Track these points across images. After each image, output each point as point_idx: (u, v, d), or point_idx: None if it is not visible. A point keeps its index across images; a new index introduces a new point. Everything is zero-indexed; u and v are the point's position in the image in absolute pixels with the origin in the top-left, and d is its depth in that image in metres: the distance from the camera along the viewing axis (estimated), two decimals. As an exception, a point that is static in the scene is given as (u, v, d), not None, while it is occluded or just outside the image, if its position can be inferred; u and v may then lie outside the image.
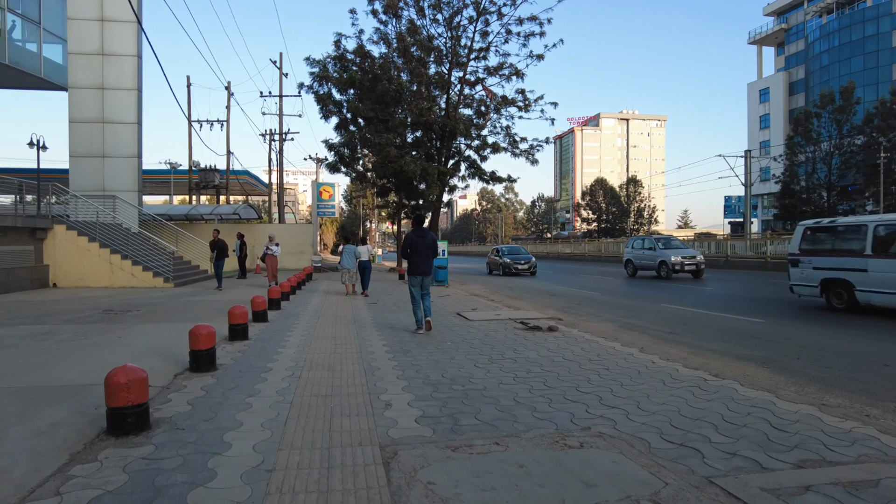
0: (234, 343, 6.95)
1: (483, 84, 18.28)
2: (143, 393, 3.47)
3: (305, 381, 5.04)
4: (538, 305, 12.82)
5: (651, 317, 10.76)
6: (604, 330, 8.92)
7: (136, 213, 20.17)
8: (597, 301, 13.75)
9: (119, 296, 13.46)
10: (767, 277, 20.68)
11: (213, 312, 10.10)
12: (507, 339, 7.39)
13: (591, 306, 12.68)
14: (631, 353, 6.52)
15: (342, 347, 6.76)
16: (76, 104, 19.88)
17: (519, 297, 14.90)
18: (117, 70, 20.05)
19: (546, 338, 7.56)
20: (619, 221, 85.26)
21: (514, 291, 16.97)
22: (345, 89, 18.67)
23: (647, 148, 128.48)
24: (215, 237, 15.96)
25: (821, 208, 48.10)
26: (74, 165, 19.94)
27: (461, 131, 17.45)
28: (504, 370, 5.56)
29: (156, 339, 7.24)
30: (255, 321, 8.87)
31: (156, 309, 10.63)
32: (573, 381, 5.12)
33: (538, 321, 9.24)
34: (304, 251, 27.83)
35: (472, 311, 10.86)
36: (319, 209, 37.02)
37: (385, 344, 7.01)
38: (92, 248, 15.86)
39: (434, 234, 10.94)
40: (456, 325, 8.84)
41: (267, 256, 16.35)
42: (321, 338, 7.45)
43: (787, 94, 64.70)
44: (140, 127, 20.52)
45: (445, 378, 5.19)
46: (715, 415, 4.13)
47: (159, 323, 8.73)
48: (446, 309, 11.18)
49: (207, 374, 5.21)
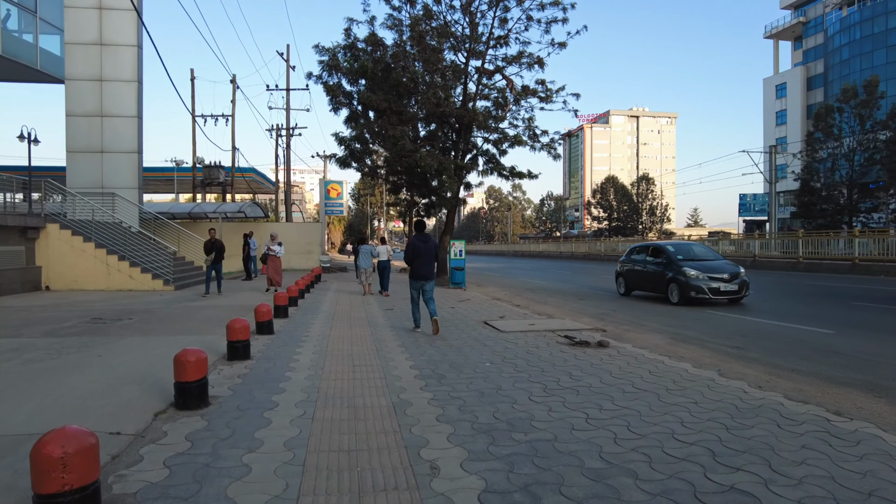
0: (233, 364, 5.85)
1: (503, 73, 17.10)
2: (88, 468, 2.36)
3: (321, 425, 3.92)
4: (569, 312, 11.68)
5: (700, 326, 9.60)
6: (657, 343, 7.80)
7: (137, 211, 19.19)
8: (632, 306, 12.58)
9: (114, 300, 12.42)
10: (803, 279, 19.41)
11: (212, 321, 9.02)
12: (556, 359, 6.25)
13: (627, 312, 11.52)
14: (711, 379, 5.38)
15: (362, 370, 5.65)
16: (74, 97, 18.90)
17: (544, 302, 13.75)
18: (116, 61, 19.05)
19: (600, 356, 6.41)
20: (630, 220, 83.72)
21: (538, 295, 15.82)
22: (356, 79, 17.54)
23: (658, 146, 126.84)
24: (212, 237, 14.03)
25: (842, 206, 46.60)
26: (72, 161, 18.96)
27: (480, 123, 16.28)
28: (569, 406, 4.42)
29: (142, 357, 6.16)
30: (260, 333, 7.79)
31: (150, 317, 9.56)
32: (663, 424, 3.98)
33: (581, 333, 8.11)
34: (312, 251, 26.77)
35: (501, 319, 9.74)
36: (327, 207, 35.93)
37: (413, 365, 5.89)
38: (87, 249, 14.85)
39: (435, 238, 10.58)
40: (488, 338, 7.70)
41: (269, 258, 14.89)
42: (336, 356, 6.34)
43: (804, 89, 63.04)
44: (140, 121, 19.52)
45: (499, 420, 4.06)
46: (886, 483, 2.98)
47: (150, 335, 7.65)
48: (470, 317, 10.05)
49: (196, 414, 4.10)
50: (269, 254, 14.79)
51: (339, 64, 16.75)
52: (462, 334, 8.01)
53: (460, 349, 6.81)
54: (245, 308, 10.81)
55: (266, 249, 14.83)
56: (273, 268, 14.89)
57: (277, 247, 14.94)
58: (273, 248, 14.82)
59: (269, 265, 14.91)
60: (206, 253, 13.87)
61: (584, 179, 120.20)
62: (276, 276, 14.98)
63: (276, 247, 14.90)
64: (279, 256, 14.95)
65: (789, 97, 64.33)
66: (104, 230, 15.40)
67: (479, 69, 18.01)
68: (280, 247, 15.07)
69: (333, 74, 17.37)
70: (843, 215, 45.95)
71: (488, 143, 18.17)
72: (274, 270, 14.91)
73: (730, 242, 30.52)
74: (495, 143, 17.91)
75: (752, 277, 21.22)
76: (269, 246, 14.84)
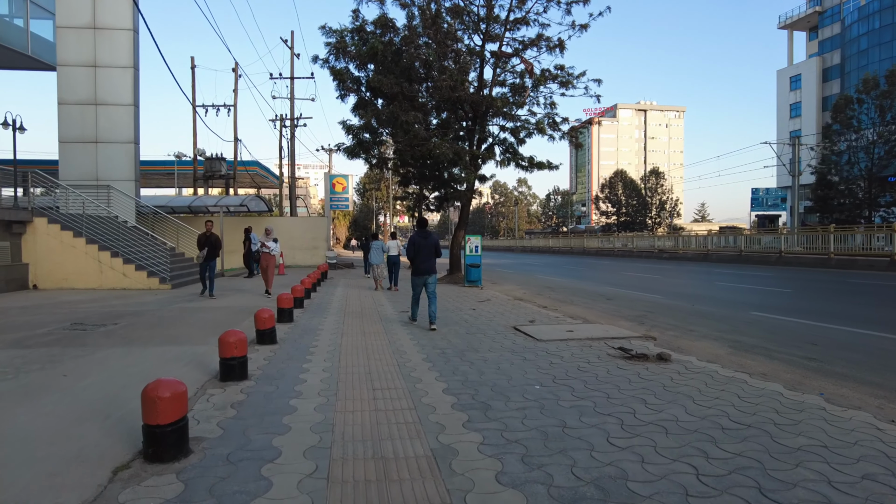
0: (226, 387, 4.78)
1: (521, 56, 15.92)
2: None
3: (340, 491, 2.84)
4: (600, 314, 10.59)
5: (756, 331, 8.48)
6: (717, 353, 6.74)
7: (133, 205, 18.15)
8: (668, 307, 11.46)
9: (103, 301, 11.39)
10: (842, 277, 18.21)
11: (207, 327, 7.97)
12: (617, 379, 5.15)
13: (665, 314, 10.42)
14: (821, 408, 4.30)
15: (384, 396, 4.57)
16: (66, 84, 17.84)
17: (570, 302, 12.65)
18: (111, 45, 17.96)
19: (668, 374, 5.32)
20: (639, 215, 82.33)
21: (560, 293, 14.71)
22: (364, 63, 16.40)
23: (665, 140, 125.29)
24: (208, 230, 12.44)
25: (861, 201, 45.21)
26: (65, 152, 17.92)
27: (498, 109, 15.12)
28: (665, 453, 3.33)
29: (116, 377, 5.11)
30: (261, 342, 6.73)
31: (139, 321, 8.51)
32: (806, 486, 2.88)
33: (629, 341, 7.02)
34: (318, 246, 25.71)
35: (531, 324, 8.66)
36: (332, 202, 34.98)
37: (446, 388, 4.81)
38: (78, 245, 13.83)
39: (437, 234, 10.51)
40: (525, 349, 6.61)
41: (262, 255, 12.99)
42: (351, 375, 5.27)
43: (820, 80, 61.45)
44: (137, 109, 18.46)
45: (583, 480, 2.96)
46: None
47: (134, 345, 6.59)
48: (497, 321, 8.96)
49: (170, 471, 3.03)
50: (264, 251, 12.85)
51: (346, 47, 15.62)
52: (494, 344, 6.93)
53: (498, 365, 5.72)
54: (245, 311, 9.75)
55: (259, 246, 12.94)
56: (266, 266, 13.02)
57: (273, 243, 12.89)
58: (267, 244, 12.80)
59: (263, 262, 13.07)
60: (199, 248, 12.29)
61: (591, 174, 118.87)
62: (270, 276, 13.11)
63: (270, 243, 12.84)
64: (274, 254, 13.00)
65: (804, 89, 62.77)
66: (96, 225, 14.38)
67: (495, 53, 16.85)
68: (276, 243, 13.01)
69: (341, 58, 16.24)
70: (862, 210, 44.63)
71: (505, 132, 17.03)
72: (268, 269, 13.03)
73: (750, 238, 29.29)
74: (513, 132, 16.75)
75: (781, 274, 20.09)
76: (263, 242, 12.86)
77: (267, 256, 12.92)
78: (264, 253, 12.87)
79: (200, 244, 12.33)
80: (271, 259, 12.97)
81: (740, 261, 27.41)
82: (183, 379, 3.57)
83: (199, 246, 12.37)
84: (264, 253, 12.87)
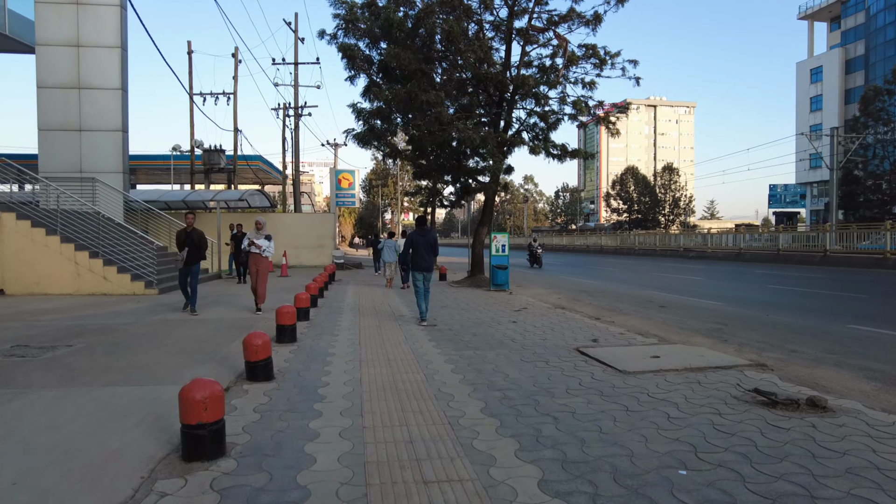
0: (190, 473, 3.00)
1: (555, 31, 14.05)
2: None
3: None
4: (663, 326, 8.81)
5: (878, 352, 6.66)
6: (864, 390, 5.08)
7: (121, 199, 16.41)
8: (740, 318, 9.62)
9: (73, 310, 9.64)
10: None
11: (183, 353, 6.19)
12: (791, 451, 3.34)
13: (742, 327, 8.64)
14: None
15: (437, 492, 2.78)
16: (46, 65, 16.10)
17: (618, 311, 10.84)
18: (96, 22, 16.20)
19: (850, 438, 3.50)
20: (651, 212, 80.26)
21: (599, 298, 12.89)
22: (377, 41, 14.57)
23: (676, 136, 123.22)
24: (189, 225, 9.57)
25: (890, 196, 43.18)
26: (45, 141, 16.20)
27: (529, 88, 13.27)
28: None
29: (13, 455, 3.32)
30: (252, 379, 4.95)
31: (100, 342, 6.72)
32: None
33: (743, 372, 5.22)
34: (324, 245, 23.90)
35: (595, 344, 6.86)
36: (338, 198, 33.26)
37: (542, 477, 3.00)
38: (51, 244, 12.10)
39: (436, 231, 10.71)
40: (614, 389, 4.80)
41: (251, 257, 9.60)
42: (384, 444, 3.49)
43: (842, 72, 59.18)
44: (125, 94, 16.71)
45: None
46: None
47: (74, 385, 4.77)
48: (551, 339, 7.15)
49: None
50: (252, 251, 9.48)
51: (357, 19, 13.79)
52: (567, 378, 5.13)
53: (597, 423, 3.91)
54: (235, 328, 7.90)
55: (246, 244, 9.54)
56: (256, 271, 9.60)
57: (264, 241, 9.50)
58: (258, 241, 9.43)
59: (252, 267, 9.65)
60: (179, 247, 9.52)
61: (600, 171, 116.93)
62: (261, 287, 9.63)
63: (262, 241, 9.47)
64: (266, 256, 9.61)
65: (825, 81, 60.52)
66: (74, 221, 12.66)
67: (522, 30, 14.99)
68: (269, 242, 9.59)
69: (350, 35, 14.43)
70: (892, 205, 42.61)
71: (533, 116, 15.15)
72: (258, 276, 9.60)
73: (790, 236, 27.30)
74: (542, 116, 14.88)
75: (836, 276, 18.04)
76: (252, 239, 9.46)
77: (257, 259, 9.51)
78: (253, 254, 9.50)
79: (180, 242, 9.50)
80: (263, 262, 9.61)
81: (778, 260, 25.45)
82: (124, 455, 1.83)
83: (178, 245, 9.56)
84: (253, 254, 9.50)
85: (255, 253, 9.47)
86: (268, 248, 9.49)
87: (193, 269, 9.54)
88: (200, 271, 10.33)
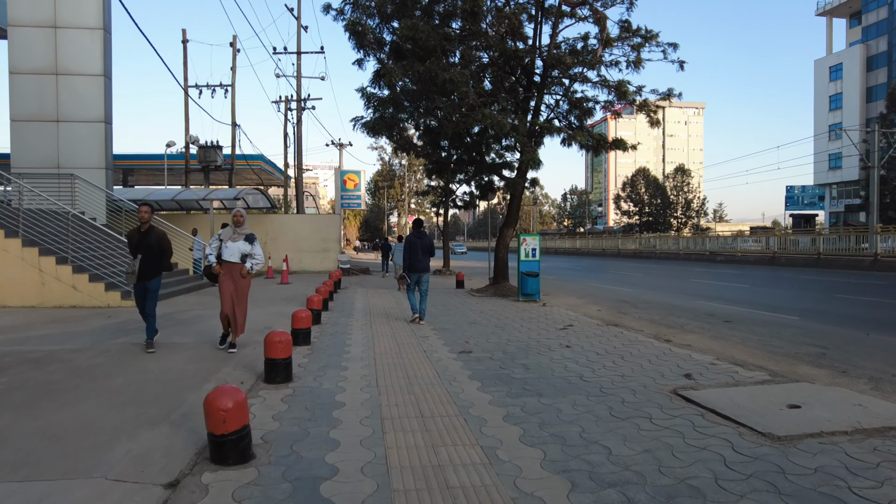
0: None
1: (592, 5, 12.28)
2: None
3: None
4: (742, 347, 7.13)
5: None
6: None
7: (104, 198, 14.74)
8: (833, 336, 7.85)
9: (21, 328, 7.92)
10: None
11: (130, 410, 4.43)
12: None
13: (845, 350, 6.93)
14: None
15: None
16: (18, 48, 14.47)
17: (676, 326, 9.06)
18: (76, 1, 14.57)
19: None
20: (662, 215, 78.23)
21: (645, 310, 11.10)
22: (389, 18, 12.81)
23: (685, 137, 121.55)
24: (144, 220, 6.40)
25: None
26: (17, 133, 14.58)
27: (567, 66, 11.49)
28: None
29: None
30: (219, 462, 3.18)
31: (18, 387, 4.92)
32: None
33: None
34: (329, 248, 22.15)
35: (694, 383, 5.09)
36: (344, 200, 31.65)
37: None
38: (11, 248, 10.38)
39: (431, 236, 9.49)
40: (767, 471, 3.00)
41: (223, 266, 6.34)
42: None
43: (864, 69, 57.22)
44: (109, 81, 15.06)
45: None
46: None
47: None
48: (632, 377, 5.35)
49: None
50: (213, 264, 6.36)
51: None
52: (694, 450, 3.34)
53: None
54: (202, 376, 5.40)
55: (210, 250, 6.43)
56: (233, 289, 6.35)
57: (245, 244, 6.40)
58: (228, 244, 6.40)
59: (225, 284, 6.32)
60: (132, 252, 6.48)
61: (609, 173, 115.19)
62: (239, 312, 6.44)
63: (240, 243, 6.39)
64: (250, 269, 6.42)
65: (846, 79, 58.56)
66: (40, 222, 10.96)
67: (552, 8, 13.23)
68: (252, 245, 6.44)
69: (358, 11, 12.71)
70: (917, 208, 40.76)
71: (565, 102, 13.36)
72: (236, 297, 6.37)
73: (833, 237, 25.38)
74: (576, 103, 13.08)
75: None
76: (225, 242, 6.41)
77: (233, 270, 6.35)
78: (225, 265, 6.34)
79: (132, 246, 6.48)
80: (242, 282, 6.42)
81: (820, 265, 23.55)
82: None
83: (130, 249, 6.54)
84: (225, 265, 6.34)
85: (231, 262, 6.31)
86: (252, 255, 6.38)
87: (150, 286, 6.44)
88: (162, 284, 7.05)
